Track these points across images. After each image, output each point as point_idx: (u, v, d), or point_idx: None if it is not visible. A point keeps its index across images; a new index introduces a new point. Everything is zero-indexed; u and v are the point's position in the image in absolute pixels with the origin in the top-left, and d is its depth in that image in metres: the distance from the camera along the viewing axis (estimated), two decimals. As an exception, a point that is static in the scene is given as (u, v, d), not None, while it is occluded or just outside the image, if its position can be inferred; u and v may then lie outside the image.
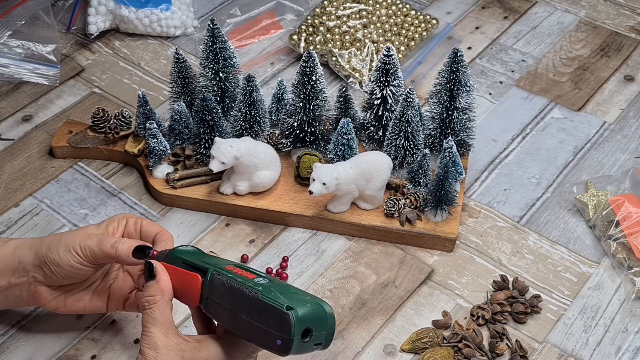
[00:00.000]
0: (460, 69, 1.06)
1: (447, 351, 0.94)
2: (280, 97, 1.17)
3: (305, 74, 1.06)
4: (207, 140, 1.10)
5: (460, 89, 1.08)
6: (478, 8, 1.46)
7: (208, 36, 1.11)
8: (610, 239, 1.05)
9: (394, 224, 1.06)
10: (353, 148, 1.08)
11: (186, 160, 1.12)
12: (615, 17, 1.44)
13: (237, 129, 1.11)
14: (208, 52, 1.12)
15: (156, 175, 1.12)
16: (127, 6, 1.35)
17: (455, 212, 1.06)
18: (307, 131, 1.11)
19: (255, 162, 1.05)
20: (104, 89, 1.30)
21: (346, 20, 1.34)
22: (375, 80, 1.09)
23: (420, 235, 1.05)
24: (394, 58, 1.06)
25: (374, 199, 1.06)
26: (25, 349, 0.96)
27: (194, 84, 1.15)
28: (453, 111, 1.09)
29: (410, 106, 1.05)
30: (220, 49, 1.11)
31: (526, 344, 0.96)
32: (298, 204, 1.09)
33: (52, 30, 1.35)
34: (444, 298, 1.01)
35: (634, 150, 1.20)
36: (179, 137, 1.13)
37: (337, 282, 1.03)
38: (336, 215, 1.07)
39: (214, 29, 1.10)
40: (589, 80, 1.32)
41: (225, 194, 1.09)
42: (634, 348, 0.97)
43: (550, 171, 1.17)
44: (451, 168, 1.02)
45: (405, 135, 1.08)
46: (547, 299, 1.01)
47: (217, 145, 1.03)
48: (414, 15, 1.38)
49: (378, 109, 1.10)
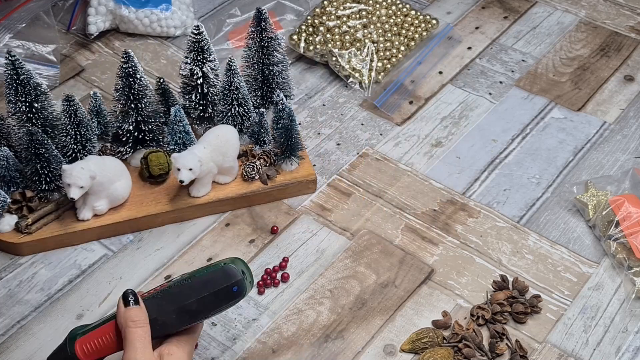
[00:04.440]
0: (267, 27, 1.13)
1: (447, 351, 0.94)
2: (98, 110, 1.14)
3: (129, 75, 1.06)
4: (47, 174, 1.04)
5: (272, 43, 1.14)
6: (478, 8, 1.46)
7: (10, 69, 1.03)
8: (610, 239, 1.05)
9: (258, 186, 1.11)
10: (190, 133, 1.11)
11: (29, 203, 1.06)
12: (615, 17, 1.44)
13: (69, 153, 1.08)
14: (15, 86, 1.04)
15: (3, 229, 1.04)
16: (127, 6, 1.35)
17: (303, 156, 1.14)
18: (144, 130, 1.11)
19: (109, 176, 1.05)
20: (104, 89, 1.30)
21: (346, 20, 1.34)
22: (192, 60, 1.11)
23: (285, 186, 1.11)
24: (205, 34, 1.09)
25: (233, 170, 1.11)
26: (25, 349, 0.96)
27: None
28: (272, 67, 1.15)
29: (235, 74, 1.10)
30: (27, 79, 1.04)
31: (526, 344, 0.96)
32: (161, 202, 1.09)
33: (52, 30, 1.35)
34: (444, 298, 1.01)
35: (634, 150, 1.20)
36: (12, 184, 1.06)
37: (337, 282, 1.03)
38: (202, 199, 1.10)
39: (13, 61, 1.03)
40: (589, 80, 1.32)
41: (86, 220, 1.07)
42: (634, 348, 0.97)
43: (550, 171, 1.17)
44: (294, 116, 1.09)
45: (238, 102, 1.12)
46: (547, 299, 1.01)
47: (69, 172, 1.00)
48: (414, 15, 1.38)
49: (202, 87, 1.12)
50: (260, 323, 0.98)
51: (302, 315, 0.99)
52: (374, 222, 1.10)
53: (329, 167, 1.18)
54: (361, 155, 1.19)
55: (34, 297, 1.02)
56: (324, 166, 1.18)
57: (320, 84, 1.31)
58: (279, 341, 0.97)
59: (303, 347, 0.96)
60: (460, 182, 1.16)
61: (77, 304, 1.01)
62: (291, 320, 0.99)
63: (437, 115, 1.26)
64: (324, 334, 0.97)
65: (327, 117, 1.25)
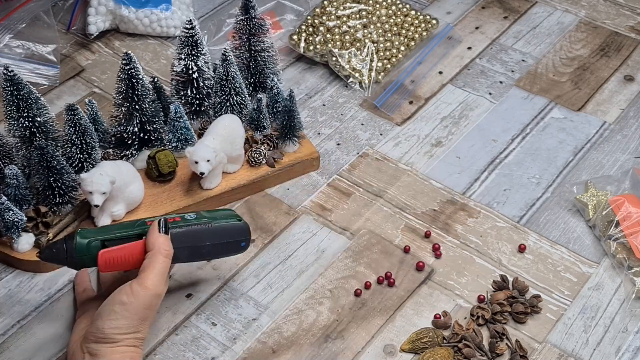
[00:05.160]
0: (254, 15, 1.15)
1: (447, 351, 0.94)
2: (94, 117, 1.11)
3: (132, 76, 1.05)
4: (60, 186, 1.03)
5: (259, 31, 1.16)
6: (478, 8, 1.46)
7: (9, 85, 1.00)
8: (610, 239, 1.05)
9: (266, 170, 1.13)
10: (189, 128, 1.12)
11: (43, 218, 1.03)
12: (615, 17, 1.44)
13: (76, 163, 1.07)
14: (16, 102, 1.02)
15: (23, 249, 1.02)
16: (127, 6, 1.35)
17: (301, 136, 1.15)
18: (149, 130, 1.11)
19: (125, 180, 1.04)
20: (104, 89, 1.30)
21: (346, 20, 1.34)
22: (187, 55, 1.11)
23: (292, 166, 1.14)
24: (196, 27, 1.10)
25: (240, 157, 1.13)
26: (25, 349, 0.96)
27: None
28: (262, 52, 1.18)
29: (230, 64, 1.11)
30: (27, 94, 1.02)
31: (526, 344, 0.96)
32: (175, 199, 1.10)
33: (52, 30, 1.35)
34: (444, 298, 1.01)
35: (634, 150, 1.20)
36: (23, 202, 1.04)
37: (337, 282, 1.03)
38: (215, 190, 1.10)
39: (12, 76, 1.00)
40: (589, 80, 1.32)
41: None
42: (634, 348, 0.97)
43: (550, 171, 1.17)
44: (294, 98, 1.10)
45: (235, 91, 1.13)
46: (547, 299, 1.01)
47: (89, 180, 0.99)
48: (414, 15, 1.38)
49: (197, 81, 1.12)
50: (260, 323, 0.98)
51: (302, 315, 0.99)
52: (374, 222, 1.10)
53: (329, 167, 1.18)
54: (361, 155, 1.19)
55: (34, 297, 1.01)
56: (324, 166, 1.18)
57: (320, 84, 1.31)
58: (279, 341, 0.97)
59: (303, 347, 0.96)
60: (460, 182, 1.16)
61: (77, 304, 1.01)
62: (291, 320, 0.99)
63: (437, 115, 1.26)
64: (324, 334, 0.97)
65: (327, 117, 1.25)
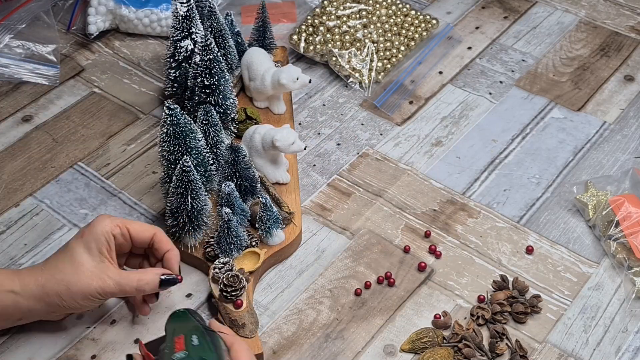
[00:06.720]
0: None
1: (447, 351, 0.94)
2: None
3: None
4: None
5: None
6: (478, 8, 1.46)
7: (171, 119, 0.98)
8: (610, 239, 1.05)
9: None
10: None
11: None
12: (615, 17, 1.44)
13: (212, 163, 1.06)
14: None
15: (275, 242, 1.04)
16: (127, 6, 1.35)
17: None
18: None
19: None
20: (104, 89, 1.30)
21: (346, 20, 1.34)
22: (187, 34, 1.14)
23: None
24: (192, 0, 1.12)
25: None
26: (25, 349, 0.96)
27: None
28: None
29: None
30: (189, 131, 1.00)
31: (526, 344, 0.96)
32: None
33: (52, 30, 1.35)
34: (444, 298, 1.01)
35: (634, 150, 1.20)
36: (241, 223, 1.02)
37: (337, 282, 1.03)
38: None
39: (174, 113, 0.98)
40: (589, 80, 1.32)
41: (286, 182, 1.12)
42: (634, 348, 0.97)
43: (550, 171, 1.17)
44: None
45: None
46: (547, 299, 1.01)
47: (285, 132, 1.06)
48: (414, 15, 1.38)
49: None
50: (260, 323, 0.98)
51: (302, 315, 0.99)
52: (374, 221, 1.10)
53: (329, 167, 1.18)
54: (361, 155, 1.19)
55: (34, 297, 1.01)
56: (324, 166, 1.18)
57: (320, 84, 1.31)
58: (279, 341, 0.97)
59: (303, 347, 0.96)
60: (460, 182, 1.16)
61: (77, 303, 1.01)
62: (291, 320, 0.99)
63: (437, 115, 1.26)
64: (324, 334, 0.97)
65: (327, 117, 1.25)
